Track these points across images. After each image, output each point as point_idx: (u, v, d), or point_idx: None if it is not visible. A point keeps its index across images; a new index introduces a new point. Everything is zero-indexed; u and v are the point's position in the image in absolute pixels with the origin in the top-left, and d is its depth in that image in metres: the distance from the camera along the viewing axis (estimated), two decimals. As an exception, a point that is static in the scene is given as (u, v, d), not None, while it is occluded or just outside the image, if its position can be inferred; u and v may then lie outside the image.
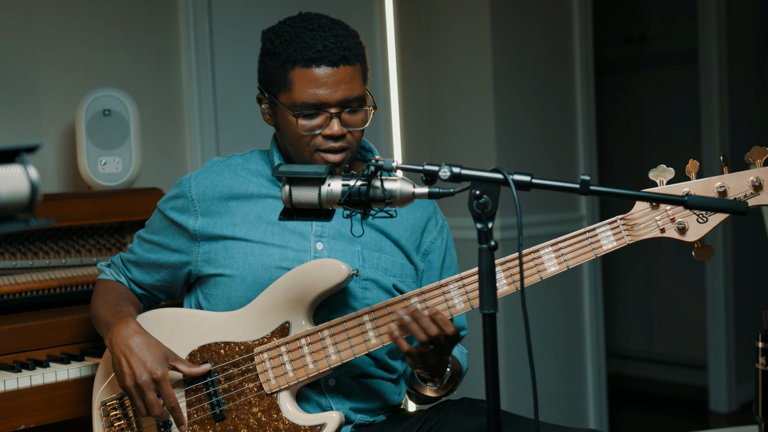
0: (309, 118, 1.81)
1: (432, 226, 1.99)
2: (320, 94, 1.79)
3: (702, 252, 1.66)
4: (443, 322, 1.67)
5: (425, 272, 1.98)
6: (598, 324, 3.97)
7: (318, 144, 1.82)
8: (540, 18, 3.80)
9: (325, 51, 1.78)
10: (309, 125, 1.81)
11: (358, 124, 1.84)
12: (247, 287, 1.87)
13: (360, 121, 1.84)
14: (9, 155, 1.04)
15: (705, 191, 1.64)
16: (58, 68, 2.84)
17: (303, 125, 1.81)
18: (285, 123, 1.84)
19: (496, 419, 1.40)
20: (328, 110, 1.80)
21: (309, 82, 1.79)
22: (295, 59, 1.79)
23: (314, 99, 1.79)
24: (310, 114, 1.81)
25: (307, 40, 1.79)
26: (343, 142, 1.82)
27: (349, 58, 1.80)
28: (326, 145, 1.82)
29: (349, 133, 1.83)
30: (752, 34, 4.63)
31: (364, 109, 1.84)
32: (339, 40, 1.80)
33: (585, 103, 3.92)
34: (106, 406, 1.89)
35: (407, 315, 1.68)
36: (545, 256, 1.70)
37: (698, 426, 4.40)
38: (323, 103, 1.80)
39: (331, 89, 1.79)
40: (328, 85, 1.79)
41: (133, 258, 2.03)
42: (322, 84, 1.79)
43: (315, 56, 1.78)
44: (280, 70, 1.82)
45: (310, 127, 1.81)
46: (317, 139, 1.82)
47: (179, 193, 1.95)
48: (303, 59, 1.79)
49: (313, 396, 1.86)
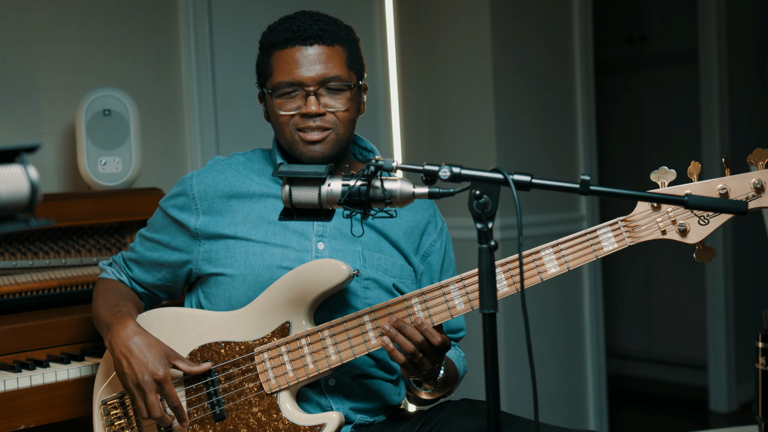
0: (286, 98, 1.84)
1: (432, 228, 1.99)
2: (295, 73, 1.82)
3: (703, 254, 1.66)
4: (429, 333, 1.68)
5: (424, 274, 1.98)
6: (598, 324, 3.97)
7: (296, 123, 1.84)
8: (540, 18, 3.80)
9: (299, 31, 1.82)
10: (288, 105, 1.84)
11: (339, 106, 1.85)
12: (248, 287, 1.87)
13: (342, 101, 1.85)
14: (9, 155, 1.04)
15: (706, 193, 1.63)
16: (58, 68, 2.84)
17: (280, 104, 1.84)
18: (271, 110, 1.88)
19: (496, 420, 1.40)
20: (305, 88, 1.83)
21: (284, 63, 1.83)
22: (274, 43, 1.85)
23: (289, 77, 1.82)
24: (286, 92, 1.84)
25: (284, 25, 1.85)
26: (321, 122, 1.83)
27: (323, 37, 1.83)
28: (304, 124, 1.83)
29: (332, 114, 1.84)
30: (752, 34, 4.62)
31: (347, 89, 1.85)
32: (315, 23, 1.84)
33: (585, 103, 3.92)
34: (107, 405, 1.89)
35: (391, 327, 1.69)
36: (546, 257, 1.70)
37: (698, 426, 4.40)
38: (299, 81, 1.82)
39: (304, 67, 1.82)
40: (300, 63, 1.82)
41: (134, 256, 2.03)
42: (296, 63, 1.82)
43: (289, 36, 1.83)
44: (264, 59, 1.88)
45: (287, 107, 1.84)
46: (296, 118, 1.84)
47: (181, 191, 1.95)
48: (279, 41, 1.84)
49: (313, 396, 1.86)
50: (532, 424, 1.79)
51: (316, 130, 1.83)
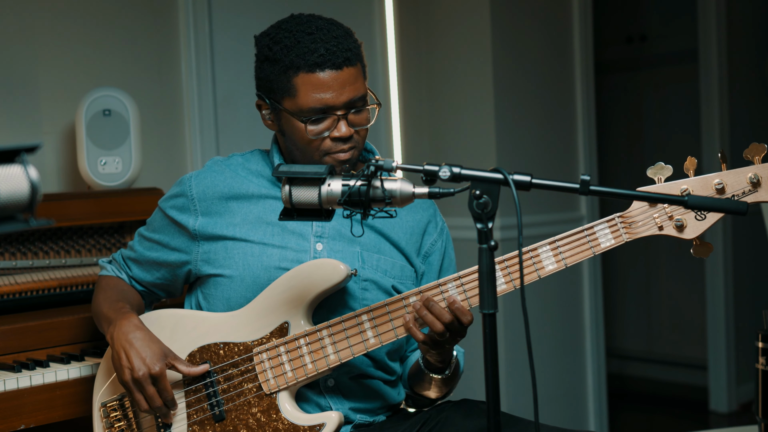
0: (317, 122, 1.80)
1: (432, 228, 1.99)
2: (327, 99, 1.78)
3: (700, 249, 1.66)
4: (460, 311, 1.67)
5: (425, 274, 1.98)
6: (598, 324, 3.97)
7: (328, 148, 1.82)
8: (540, 18, 3.80)
9: (328, 54, 1.77)
10: (317, 129, 1.81)
11: (363, 122, 1.84)
12: (247, 288, 1.87)
13: (365, 119, 1.85)
14: (9, 155, 1.04)
15: (703, 188, 1.64)
16: (58, 68, 2.84)
17: (312, 130, 1.80)
18: (292, 129, 1.83)
19: (496, 420, 1.40)
20: (335, 113, 1.80)
21: (314, 87, 1.78)
22: (298, 65, 1.78)
23: (321, 104, 1.79)
24: (317, 119, 1.80)
25: (308, 44, 1.78)
26: (351, 143, 1.83)
27: (351, 59, 1.80)
28: (336, 148, 1.82)
29: (356, 132, 1.83)
30: (752, 34, 4.62)
31: (367, 107, 1.85)
32: (340, 42, 1.80)
33: (585, 103, 3.92)
34: (107, 407, 1.89)
35: (421, 304, 1.68)
36: (543, 254, 1.70)
37: (698, 426, 4.40)
38: (330, 106, 1.79)
39: (336, 92, 1.79)
40: (333, 89, 1.78)
41: (133, 255, 2.03)
42: (328, 88, 1.78)
43: (319, 60, 1.77)
44: (282, 77, 1.81)
45: (318, 131, 1.81)
46: (326, 142, 1.81)
47: (180, 192, 1.95)
48: (306, 64, 1.78)
49: (312, 396, 1.86)
50: (532, 425, 1.79)
51: (348, 151, 1.83)
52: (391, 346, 1.92)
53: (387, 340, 1.76)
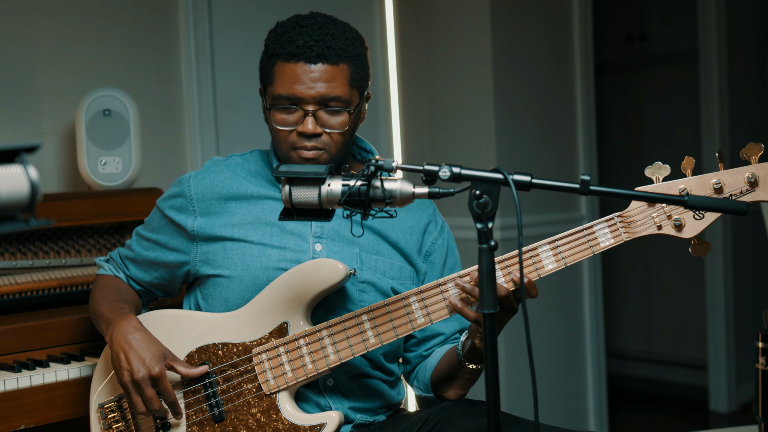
0: (284, 112, 1.82)
1: (432, 227, 1.99)
2: (295, 89, 1.79)
3: (698, 248, 1.66)
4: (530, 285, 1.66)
5: (428, 273, 1.98)
6: (598, 324, 3.97)
7: (293, 141, 1.82)
8: (540, 18, 3.80)
9: (305, 47, 1.79)
10: (282, 118, 1.82)
11: (336, 126, 1.82)
12: (246, 288, 1.86)
13: (338, 123, 1.82)
14: (9, 155, 1.04)
15: (701, 188, 1.64)
16: (58, 68, 2.84)
17: (277, 118, 1.82)
18: (268, 118, 1.86)
19: (496, 420, 1.40)
20: (304, 107, 1.81)
21: (286, 77, 1.80)
22: (278, 53, 1.81)
23: (289, 93, 1.80)
24: (284, 107, 1.81)
25: (292, 35, 1.81)
26: (316, 142, 1.81)
27: (329, 56, 1.80)
28: (300, 143, 1.82)
29: (327, 134, 1.82)
30: (752, 34, 4.62)
31: (346, 111, 1.83)
32: (324, 39, 1.80)
33: (585, 103, 3.92)
34: (104, 409, 1.89)
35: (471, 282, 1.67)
36: (543, 254, 1.71)
37: (698, 426, 4.40)
38: (298, 98, 1.80)
39: (305, 85, 1.79)
40: (302, 81, 1.79)
41: (131, 255, 2.03)
42: (297, 79, 1.79)
43: (293, 51, 1.79)
44: (267, 64, 1.85)
45: (283, 121, 1.82)
46: (293, 135, 1.82)
47: (178, 192, 1.95)
48: (284, 53, 1.80)
49: (312, 396, 1.86)
50: (532, 425, 1.79)
51: (311, 149, 1.82)
52: (388, 348, 1.91)
53: (387, 340, 1.76)
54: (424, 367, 1.98)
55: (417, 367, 2.00)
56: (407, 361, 2.02)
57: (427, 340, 1.98)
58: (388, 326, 1.76)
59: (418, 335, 1.98)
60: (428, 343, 1.99)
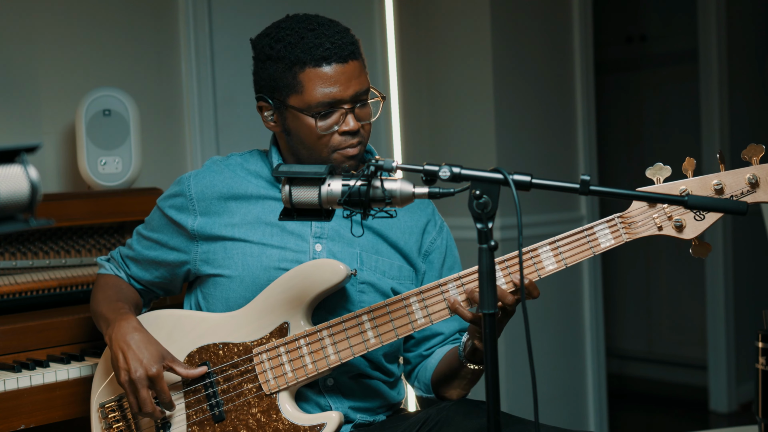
0: (325, 117, 1.80)
1: (431, 227, 1.99)
2: (334, 92, 1.79)
3: (699, 249, 1.66)
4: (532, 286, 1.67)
5: (426, 273, 1.98)
6: (598, 324, 3.97)
7: (337, 143, 1.81)
8: (540, 18, 3.80)
9: (334, 48, 1.78)
10: (326, 125, 1.81)
11: (367, 117, 1.85)
12: (246, 288, 1.87)
13: (369, 114, 1.85)
14: (9, 155, 1.04)
15: (702, 189, 1.64)
16: (58, 68, 2.84)
17: (321, 126, 1.80)
18: (299, 127, 1.83)
19: (496, 420, 1.40)
20: (343, 107, 1.80)
21: (321, 81, 1.78)
22: (305, 60, 1.78)
23: (329, 98, 1.79)
24: (326, 113, 1.80)
25: (312, 39, 1.79)
26: (359, 137, 1.83)
27: (355, 53, 1.81)
28: (346, 143, 1.82)
29: (361, 126, 1.84)
30: (752, 34, 4.62)
31: (369, 102, 1.85)
32: (343, 36, 1.81)
33: (585, 103, 3.92)
34: (105, 408, 1.89)
35: None
36: (543, 254, 1.71)
37: (698, 426, 4.40)
38: (338, 100, 1.80)
39: (343, 86, 1.79)
40: (340, 82, 1.79)
41: (131, 254, 2.03)
42: (335, 81, 1.79)
43: (325, 54, 1.78)
44: (287, 74, 1.80)
45: (327, 126, 1.81)
46: (335, 138, 1.81)
47: (178, 191, 1.95)
48: (313, 59, 1.78)
49: (312, 396, 1.86)
50: (532, 425, 1.79)
51: (356, 146, 1.83)
52: (388, 348, 1.92)
53: (387, 340, 1.76)
54: (424, 367, 1.98)
55: (417, 367, 2.00)
56: (407, 361, 2.02)
57: (426, 339, 1.98)
58: (389, 326, 1.76)
59: (417, 335, 1.98)
60: (428, 342, 1.99)
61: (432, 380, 1.94)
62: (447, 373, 1.89)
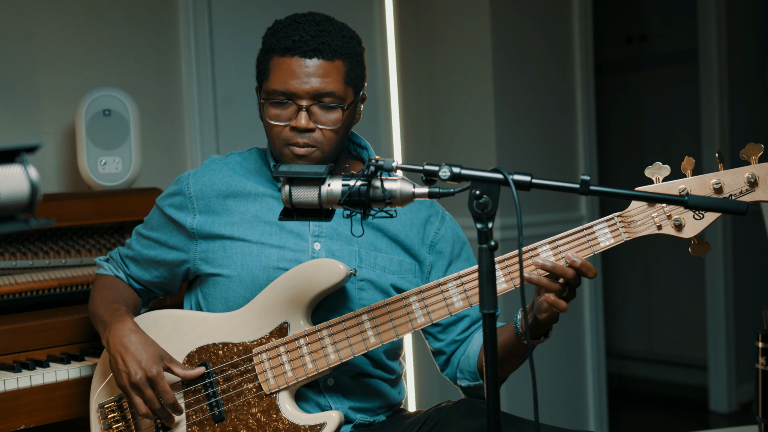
0: (278, 107, 1.82)
1: (434, 218, 1.98)
2: (290, 83, 1.80)
3: (698, 248, 1.66)
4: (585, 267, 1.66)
5: (435, 264, 1.96)
6: (598, 324, 3.97)
7: (286, 137, 1.82)
8: (540, 18, 3.80)
9: (300, 42, 1.80)
10: (277, 114, 1.82)
11: (329, 122, 1.82)
12: (245, 288, 1.86)
13: (331, 120, 1.82)
14: (9, 155, 1.04)
15: (701, 188, 1.64)
16: (58, 68, 2.84)
17: (271, 113, 1.83)
18: (263, 114, 1.86)
19: (496, 420, 1.40)
20: (298, 102, 1.81)
21: (281, 71, 1.81)
22: (274, 48, 1.82)
23: (283, 87, 1.80)
24: (278, 102, 1.82)
25: (289, 31, 1.82)
26: (309, 139, 1.81)
27: (324, 51, 1.80)
28: (293, 139, 1.82)
29: (320, 131, 1.82)
30: (752, 34, 4.62)
31: (340, 107, 1.83)
32: (320, 35, 1.81)
33: (585, 103, 3.92)
34: (104, 409, 1.89)
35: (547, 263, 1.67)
36: (543, 254, 1.71)
37: (698, 426, 4.40)
38: (292, 93, 1.80)
39: (300, 80, 1.79)
40: (297, 76, 1.79)
41: (131, 254, 2.03)
42: (292, 74, 1.80)
43: (289, 45, 1.80)
44: (263, 59, 1.85)
45: (277, 116, 1.82)
46: (286, 131, 1.82)
47: (178, 190, 1.95)
48: (279, 48, 1.81)
49: (312, 396, 1.86)
50: (532, 424, 1.79)
51: (303, 146, 1.82)
52: (389, 346, 1.91)
53: (387, 339, 1.76)
54: (466, 356, 1.93)
55: (454, 356, 1.96)
56: (440, 352, 1.98)
57: (453, 324, 1.95)
58: (389, 326, 1.76)
59: (442, 321, 1.94)
60: (456, 327, 1.95)
61: (479, 366, 1.91)
62: (501, 355, 1.82)
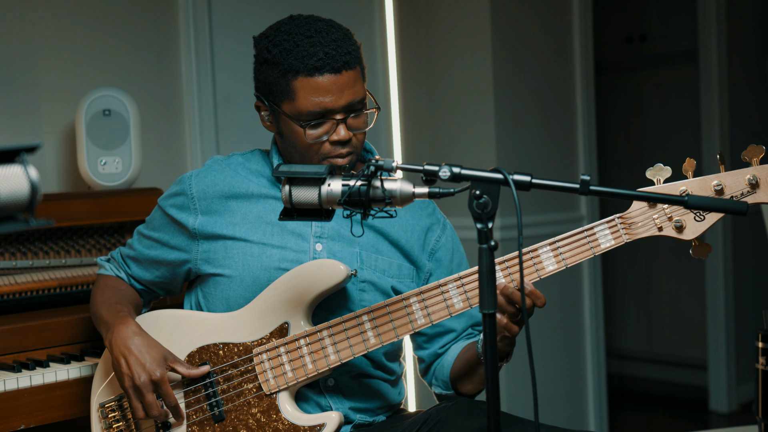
0: (315, 127, 1.80)
1: (435, 225, 1.99)
2: (325, 102, 1.78)
3: (699, 250, 1.66)
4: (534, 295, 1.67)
5: (434, 271, 1.97)
6: (598, 324, 3.97)
7: (327, 152, 1.81)
8: (540, 18, 3.80)
9: (327, 58, 1.77)
10: (316, 134, 1.80)
11: (361, 126, 1.83)
12: (246, 288, 1.87)
13: (363, 123, 1.84)
14: (9, 155, 1.04)
15: (702, 189, 1.64)
16: (58, 68, 2.84)
17: (311, 134, 1.80)
18: (290, 132, 1.83)
19: (496, 420, 1.40)
20: (334, 117, 1.80)
21: (313, 91, 1.77)
22: (297, 69, 1.77)
23: (320, 107, 1.78)
24: (316, 123, 1.80)
25: (307, 48, 1.77)
26: (349, 147, 1.82)
27: (350, 62, 1.79)
28: (335, 152, 1.81)
29: (354, 136, 1.82)
30: (752, 34, 4.62)
31: (365, 111, 1.84)
32: (339, 45, 1.78)
33: (585, 103, 3.92)
34: (105, 408, 1.89)
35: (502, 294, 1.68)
36: (543, 255, 1.71)
37: (698, 426, 4.41)
38: (329, 110, 1.79)
39: (335, 96, 1.78)
40: (332, 93, 1.78)
41: (132, 254, 2.03)
42: (327, 92, 1.77)
43: (318, 65, 1.76)
44: (281, 80, 1.80)
45: (316, 135, 1.80)
46: (325, 146, 1.81)
47: (180, 190, 1.95)
48: (305, 68, 1.77)
49: (312, 396, 1.86)
50: (532, 425, 1.79)
51: (346, 155, 1.82)
52: (389, 347, 1.92)
53: (387, 340, 1.76)
54: (441, 365, 1.98)
55: (432, 366, 2.00)
56: (421, 360, 2.02)
57: (439, 336, 1.98)
58: (389, 326, 1.76)
59: (428, 332, 1.98)
60: (440, 339, 1.99)
61: (450, 377, 1.94)
62: (465, 369, 1.89)
